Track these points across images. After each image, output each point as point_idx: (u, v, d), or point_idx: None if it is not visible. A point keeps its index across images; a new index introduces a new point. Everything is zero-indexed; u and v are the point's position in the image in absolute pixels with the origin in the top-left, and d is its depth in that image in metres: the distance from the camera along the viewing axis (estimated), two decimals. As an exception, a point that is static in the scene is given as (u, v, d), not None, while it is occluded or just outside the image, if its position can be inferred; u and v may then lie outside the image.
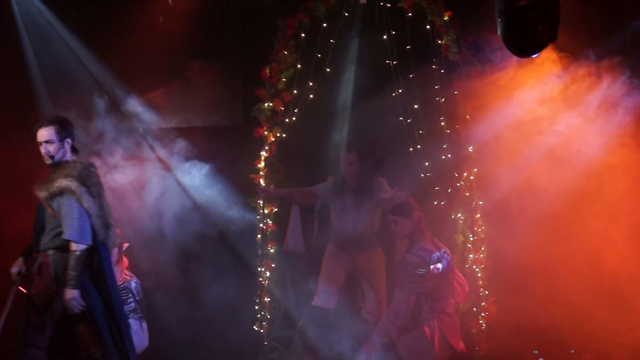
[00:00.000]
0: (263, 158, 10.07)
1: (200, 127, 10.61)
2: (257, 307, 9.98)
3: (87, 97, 10.14)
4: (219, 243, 10.13)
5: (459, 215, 9.61)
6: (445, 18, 9.63)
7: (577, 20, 8.64)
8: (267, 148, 10.07)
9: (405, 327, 8.62)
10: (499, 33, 6.87)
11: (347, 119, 10.17)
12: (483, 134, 9.38)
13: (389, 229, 8.91)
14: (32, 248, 7.44)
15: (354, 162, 9.57)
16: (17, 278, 7.46)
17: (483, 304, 9.37)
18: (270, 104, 10.03)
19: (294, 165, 10.21)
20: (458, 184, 9.62)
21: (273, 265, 10.01)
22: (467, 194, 9.55)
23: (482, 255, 9.46)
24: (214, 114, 10.72)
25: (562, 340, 9.00)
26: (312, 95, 9.96)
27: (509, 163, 9.11)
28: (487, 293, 9.41)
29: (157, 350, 9.76)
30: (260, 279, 9.99)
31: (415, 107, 9.72)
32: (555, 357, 8.92)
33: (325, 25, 9.96)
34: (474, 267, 9.44)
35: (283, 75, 10.04)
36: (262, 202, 10.03)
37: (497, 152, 9.21)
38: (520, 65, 9.09)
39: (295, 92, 10.00)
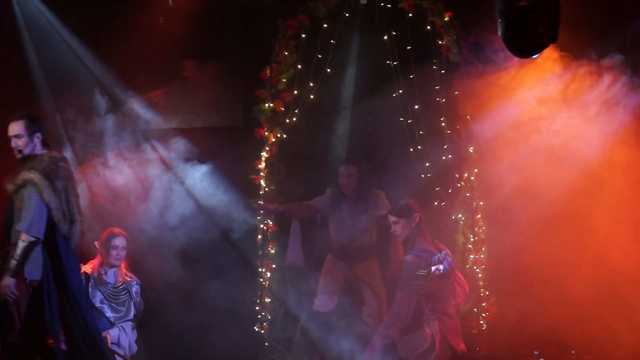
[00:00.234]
0: (263, 159, 10.07)
1: (201, 127, 10.61)
2: (257, 307, 9.98)
3: (87, 97, 10.17)
4: (220, 243, 10.12)
5: (460, 216, 9.61)
6: (446, 18, 9.62)
7: (577, 20, 8.64)
8: (267, 149, 10.07)
9: (407, 328, 8.61)
10: (500, 34, 6.88)
11: (347, 120, 10.19)
12: (484, 135, 9.38)
13: (390, 230, 8.90)
14: (3, 242, 7.46)
15: (353, 174, 9.56)
16: None
17: (484, 305, 9.37)
18: (271, 105, 10.03)
19: (295, 166, 10.20)
20: (459, 185, 9.62)
21: (274, 266, 10.01)
22: (467, 195, 9.55)
23: (482, 256, 9.46)
24: (215, 115, 10.72)
25: (562, 341, 8.99)
26: (312, 96, 9.95)
27: (510, 163, 9.10)
28: (487, 293, 9.40)
29: (157, 351, 9.79)
30: (261, 280, 9.99)
31: (416, 107, 9.72)
32: (556, 357, 8.92)
33: (326, 26, 9.96)
34: (475, 267, 9.44)
35: (283, 76, 10.04)
36: (262, 203, 10.02)
37: (497, 152, 9.20)
38: (521, 65, 9.08)
39: (296, 92, 10.00)
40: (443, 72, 9.69)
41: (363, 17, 10.04)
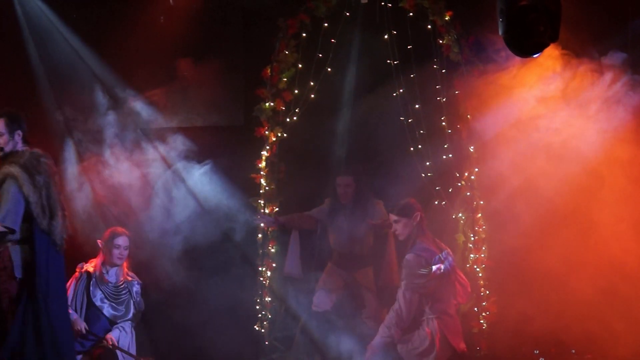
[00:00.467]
0: (264, 158, 10.08)
1: (201, 126, 10.61)
2: (258, 306, 9.98)
3: (88, 95, 10.17)
4: (220, 242, 10.12)
5: (460, 215, 9.62)
6: (447, 18, 9.64)
7: (579, 18, 8.65)
8: (268, 148, 10.07)
9: (408, 327, 8.61)
10: (500, 33, 6.89)
11: (347, 119, 10.19)
12: (484, 134, 9.38)
13: (383, 238, 8.90)
14: None
15: (351, 185, 9.62)
16: None
17: (484, 304, 9.38)
18: (272, 104, 10.04)
19: (295, 165, 10.20)
20: (459, 184, 9.64)
21: (274, 265, 10.01)
22: (468, 194, 9.56)
23: (483, 255, 9.47)
24: (215, 114, 10.73)
25: (563, 340, 8.99)
26: (313, 95, 9.96)
27: (511, 162, 9.10)
28: (488, 293, 9.41)
29: (158, 350, 9.79)
30: (261, 279, 9.99)
31: (417, 106, 9.73)
32: (556, 357, 8.92)
33: (327, 25, 9.97)
34: (475, 266, 9.45)
35: (284, 75, 10.04)
36: (263, 202, 10.03)
37: (498, 151, 9.19)
38: (522, 64, 9.07)
39: (297, 92, 10.00)
40: (444, 71, 9.71)
41: (364, 16, 10.04)
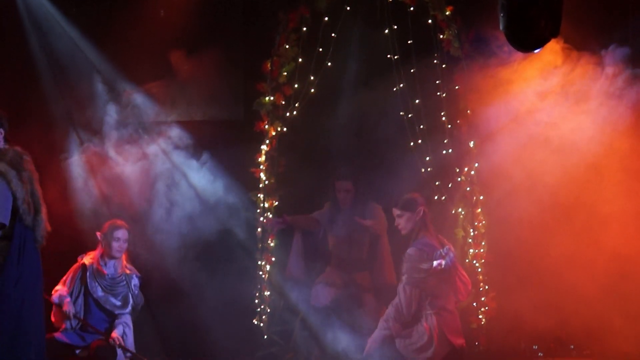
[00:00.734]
0: (264, 152, 10.06)
1: (201, 120, 10.62)
2: (257, 300, 9.97)
3: (88, 88, 10.18)
4: (219, 236, 10.12)
5: (460, 210, 9.61)
6: (447, 12, 9.63)
7: (580, 12, 8.65)
8: (267, 142, 10.06)
9: (409, 322, 8.62)
10: (501, 28, 6.86)
11: (347, 114, 10.18)
12: (484, 129, 9.38)
13: (394, 223, 8.91)
14: None
15: (350, 189, 9.67)
16: None
17: (483, 299, 9.38)
18: (271, 98, 10.02)
19: (295, 160, 10.19)
20: (459, 179, 9.63)
21: (273, 259, 10.01)
22: (467, 189, 9.56)
23: (482, 250, 9.47)
24: (215, 108, 10.73)
25: (561, 336, 9.00)
26: (313, 90, 9.95)
27: (511, 157, 9.10)
28: (487, 288, 9.41)
29: (155, 344, 9.80)
30: (260, 273, 9.98)
31: (417, 101, 9.73)
32: (555, 352, 8.92)
33: (327, 19, 9.94)
34: (474, 261, 9.45)
35: (284, 69, 10.03)
36: (262, 196, 10.03)
37: (498, 146, 9.19)
38: (523, 58, 9.07)
39: (297, 86, 9.99)
40: (444, 66, 9.70)
41: (364, 10, 10.04)
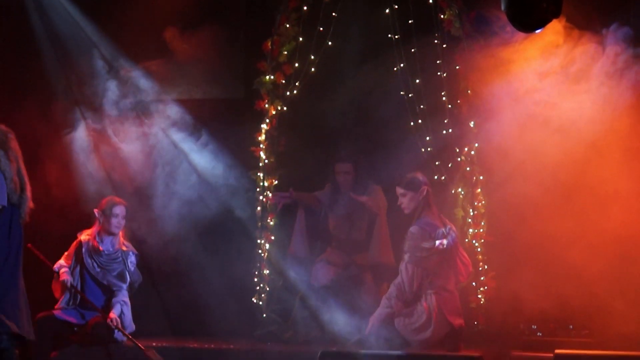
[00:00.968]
0: (264, 131, 10.06)
1: (201, 99, 10.61)
2: (256, 279, 9.98)
3: (88, 65, 10.18)
4: (219, 215, 10.13)
5: (460, 190, 9.62)
6: (448, -8, 9.62)
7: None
8: (267, 121, 10.06)
9: (411, 300, 8.65)
10: (503, 8, 6.87)
11: (348, 93, 10.17)
12: (485, 109, 9.37)
13: (396, 204, 8.92)
14: None
15: (350, 172, 9.73)
16: None
17: (482, 279, 9.39)
18: (272, 77, 10.02)
19: (295, 139, 10.19)
20: (459, 159, 9.63)
21: (272, 238, 10.02)
22: (467, 169, 9.56)
23: (481, 230, 9.48)
24: (215, 87, 10.74)
25: (560, 316, 9.01)
26: (313, 69, 9.94)
27: (511, 137, 9.09)
28: (486, 268, 9.43)
29: (154, 322, 9.82)
30: (260, 251, 10.00)
31: (417, 81, 9.72)
32: (554, 332, 8.92)
33: (328, -1, 9.95)
34: (474, 241, 9.46)
35: (285, 48, 10.02)
36: (262, 175, 10.03)
37: (498, 126, 9.18)
38: (524, 37, 9.03)
39: (297, 65, 9.98)
40: (445, 46, 9.68)
41: (365, -11, 10.04)
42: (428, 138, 9.68)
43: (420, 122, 9.70)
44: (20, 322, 7.19)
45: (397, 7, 9.78)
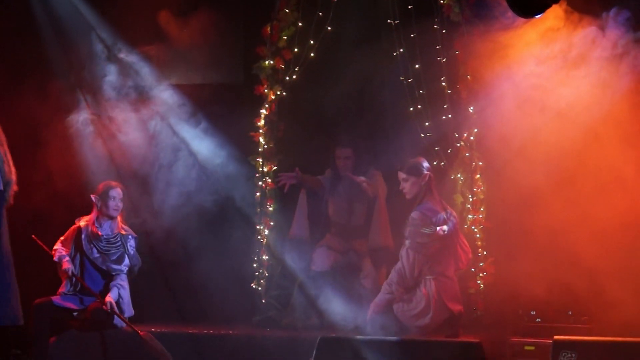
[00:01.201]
0: (263, 116, 10.06)
1: (201, 84, 10.59)
2: (255, 265, 9.99)
3: (87, 50, 10.16)
4: (218, 201, 10.12)
5: (459, 176, 9.61)
6: (448, -22, 9.59)
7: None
8: (267, 106, 10.06)
9: (411, 286, 8.65)
10: (503, -6, 6.85)
11: (347, 78, 10.14)
12: (484, 94, 9.35)
13: (397, 189, 8.91)
14: None
15: (350, 156, 9.76)
16: None
17: (481, 265, 9.39)
18: (271, 62, 10.01)
19: (294, 124, 10.18)
20: (458, 144, 9.61)
21: (272, 224, 10.02)
22: (467, 155, 9.55)
23: (481, 216, 9.47)
24: (214, 72, 10.72)
25: (559, 302, 9.01)
26: (312, 54, 9.92)
27: (510, 122, 9.07)
28: (485, 253, 9.42)
29: (154, 308, 9.82)
30: (259, 237, 10.00)
31: (417, 66, 9.69)
32: (553, 318, 8.91)
33: (327, -17, 9.91)
34: (473, 227, 9.45)
35: (284, 34, 10.01)
36: (261, 160, 10.02)
37: (497, 111, 9.16)
38: (524, 22, 9.00)
39: (296, 50, 9.97)
40: (444, 31, 9.66)
41: (365, -26, 10.00)
42: (427, 123, 9.66)
43: (420, 107, 9.68)
44: (9, 306, 7.22)
45: (396, -8, 9.76)
